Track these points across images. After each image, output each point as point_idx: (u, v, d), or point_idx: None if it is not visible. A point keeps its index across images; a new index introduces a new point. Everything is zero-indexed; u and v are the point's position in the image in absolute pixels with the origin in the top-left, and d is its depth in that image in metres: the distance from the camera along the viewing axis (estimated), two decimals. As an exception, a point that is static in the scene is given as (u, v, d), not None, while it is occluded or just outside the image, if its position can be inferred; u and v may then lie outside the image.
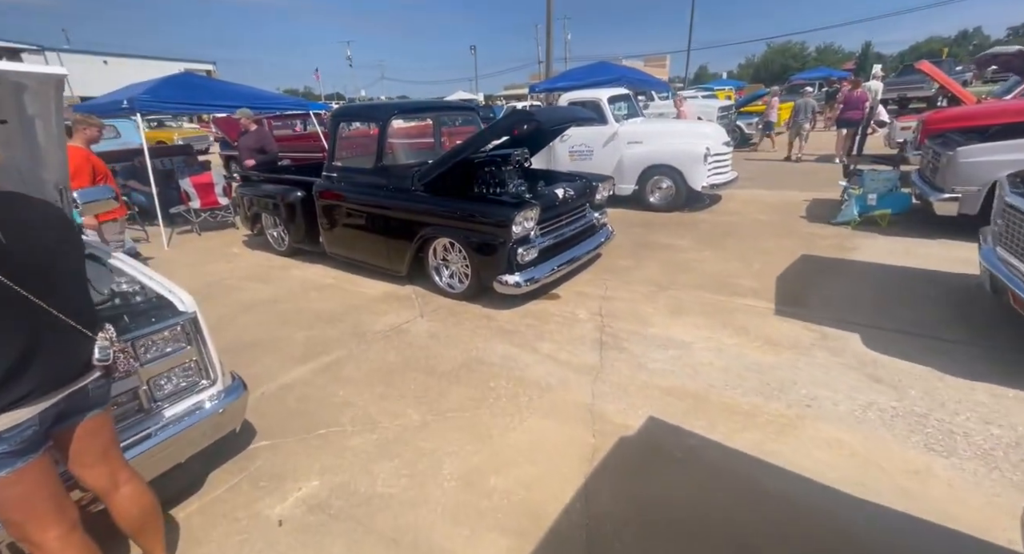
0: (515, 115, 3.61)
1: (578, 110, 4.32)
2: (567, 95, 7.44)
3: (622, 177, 6.91)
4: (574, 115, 4.12)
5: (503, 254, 3.62)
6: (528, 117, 3.56)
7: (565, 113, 4.09)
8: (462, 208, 3.75)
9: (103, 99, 7.26)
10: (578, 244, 4.33)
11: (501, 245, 3.59)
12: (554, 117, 3.77)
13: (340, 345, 3.37)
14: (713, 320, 3.43)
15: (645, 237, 5.62)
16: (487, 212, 3.59)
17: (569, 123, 4.26)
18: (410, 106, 4.54)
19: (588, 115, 4.20)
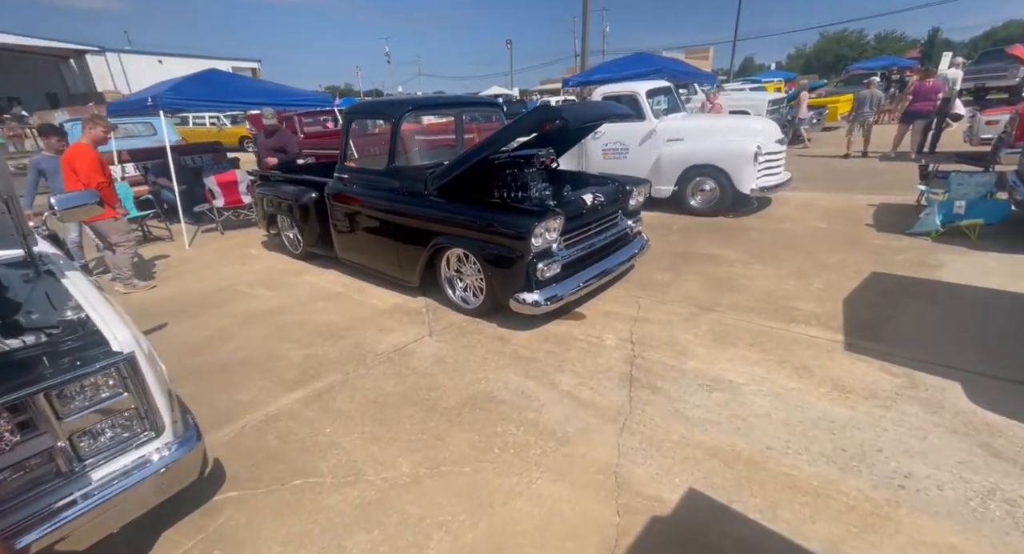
0: (538, 112, 3.17)
1: (611, 105, 3.83)
2: (601, 89, 6.90)
3: (660, 178, 6.33)
4: (605, 111, 3.64)
5: (520, 269, 3.19)
6: (552, 114, 3.11)
7: (595, 109, 3.61)
8: (476, 216, 3.34)
9: (133, 96, 7.27)
10: (608, 256, 3.85)
11: (518, 259, 3.16)
12: (583, 114, 3.31)
13: (337, 368, 3.03)
14: (767, 354, 2.89)
15: (685, 246, 5.06)
16: (503, 222, 3.17)
17: (600, 120, 3.77)
18: (425, 102, 4.18)
19: (621, 111, 3.70)
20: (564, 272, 3.45)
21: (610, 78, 8.97)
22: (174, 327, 3.82)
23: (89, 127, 4.22)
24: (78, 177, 4.08)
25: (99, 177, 4.15)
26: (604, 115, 3.60)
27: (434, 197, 3.69)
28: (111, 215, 4.31)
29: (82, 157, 4.08)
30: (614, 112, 3.63)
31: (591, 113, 3.44)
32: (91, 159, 4.12)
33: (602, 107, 3.69)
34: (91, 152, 4.15)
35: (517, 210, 3.33)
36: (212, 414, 2.62)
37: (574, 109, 3.29)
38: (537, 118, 3.16)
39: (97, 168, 4.15)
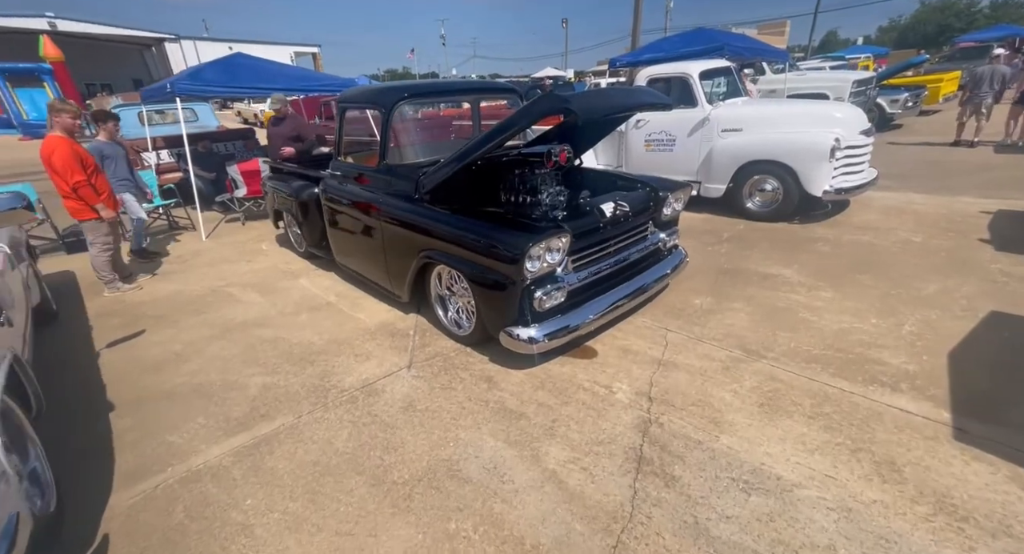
0: (540, 103, 2.50)
1: (641, 92, 3.06)
2: (648, 70, 6.00)
3: (712, 174, 5.42)
4: (632, 100, 2.87)
5: (512, 298, 2.58)
6: (556, 105, 2.43)
7: (617, 98, 2.86)
8: (461, 229, 2.74)
9: (157, 84, 7.17)
10: (632, 278, 3.14)
11: (510, 286, 2.55)
12: (600, 104, 2.59)
13: (292, 406, 2.58)
14: (835, 435, 2.13)
15: (735, 260, 4.21)
16: (492, 239, 2.55)
17: (624, 112, 3.02)
18: (425, 88, 3.59)
19: (654, 98, 2.92)
20: (572, 300, 2.80)
21: (661, 57, 7.96)
22: (150, 336, 3.53)
23: (55, 116, 3.78)
24: (57, 174, 3.75)
25: (78, 175, 3.76)
26: (628, 105, 2.84)
27: (425, 202, 3.12)
28: (91, 216, 4.00)
29: (58, 152, 3.68)
30: (643, 101, 2.87)
31: (612, 103, 2.71)
32: (66, 155, 3.71)
33: (627, 95, 2.93)
34: (66, 146, 3.73)
35: (512, 224, 2.69)
36: (134, 462, 2.24)
37: (588, 98, 2.58)
38: (538, 110, 2.48)
39: (74, 165, 3.75)
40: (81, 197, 3.85)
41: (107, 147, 4.79)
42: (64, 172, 3.72)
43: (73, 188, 3.78)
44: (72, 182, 3.74)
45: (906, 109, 10.41)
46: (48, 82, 21.54)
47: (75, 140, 3.90)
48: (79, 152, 3.86)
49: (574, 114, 2.38)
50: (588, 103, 2.49)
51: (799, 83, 9.74)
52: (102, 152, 4.69)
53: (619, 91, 2.92)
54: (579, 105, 2.40)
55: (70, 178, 3.73)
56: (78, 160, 3.80)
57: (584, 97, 2.57)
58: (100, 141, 4.81)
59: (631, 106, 2.87)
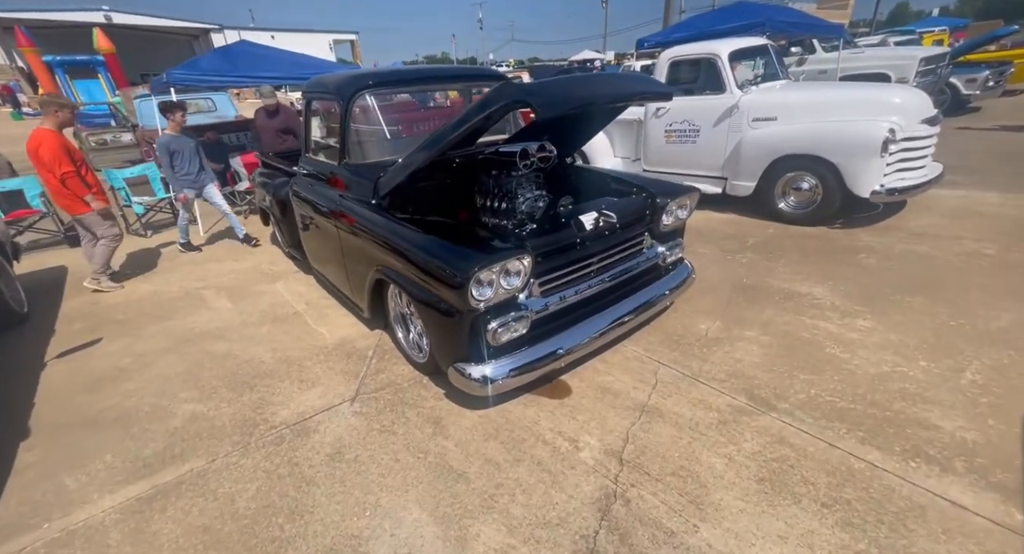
0: (493, 96, 2.01)
1: (633, 80, 2.51)
2: (671, 51, 5.32)
3: (739, 170, 4.76)
4: (617, 90, 2.30)
5: (459, 329, 2.15)
6: (512, 97, 1.94)
7: (599, 88, 2.28)
8: (407, 243, 2.32)
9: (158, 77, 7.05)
10: (620, 300, 2.63)
11: (456, 315, 2.12)
12: (574, 95, 2.05)
13: (212, 446, 2.27)
14: (857, 536, 1.60)
15: (757, 272, 3.60)
16: (436, 259, 2.12)
17: (611, 103, 2.46)
18: (393, 76, 3.14)
19: (650, 88, 2.37)
20: (541, 329, 2.35)
21: (693, 36, 7.18)
22: (105, 345, 3.34)
23: (55, 110, 3.78)
24: (44, 166, 3.74)
25: (65, 166, 3.74)
26: (609, 95, 2.28)
27: (384, 207, 2.72)
28: (85, 210, 3.96)
29: (46, 145, 3.67)
30: (631, 90, 2.32)
31: (586, 94, 2.15)
32: (54, 147, 3.70)
33: (609, 83, 2.35)
34: (54, 139, 3.72)
35: (467, 240, 2.24)
36: (15, 510, 1.98)
37: (555, 89, 2.04)
38: (493, 104, 2.00)
39: (62, 156, 3.73)
40: (69, 188, 3.80)
41: (174, 141, 4.65)
42: (52, 164, 3.66)
43: (61, 179, 3.72)
44: (60, 173, 3.68)
45: (986, 89, 9.11)
46: (102, 73, 22.46)
47: (64, 136, 3.85)
48: (68, 146, 3.80)
49: (533, 107, 1.90)
50: (553, 95, 1.99)
51: (855, 62, 8.64)
52: (169, 147, 4.58)
53: (600, 78, 2.39)
54: (540, 98, 1.92)
55: (57, 169, 3.67)
56: (66, 152, 3.75)
57: (550, 88, 2.05)
58: (169, 135, 4.67)
59: (614, 96, 2.32)
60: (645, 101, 2.68)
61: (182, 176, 4.76)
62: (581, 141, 3.32)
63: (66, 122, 3.87)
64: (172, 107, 4.79)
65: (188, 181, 4.81)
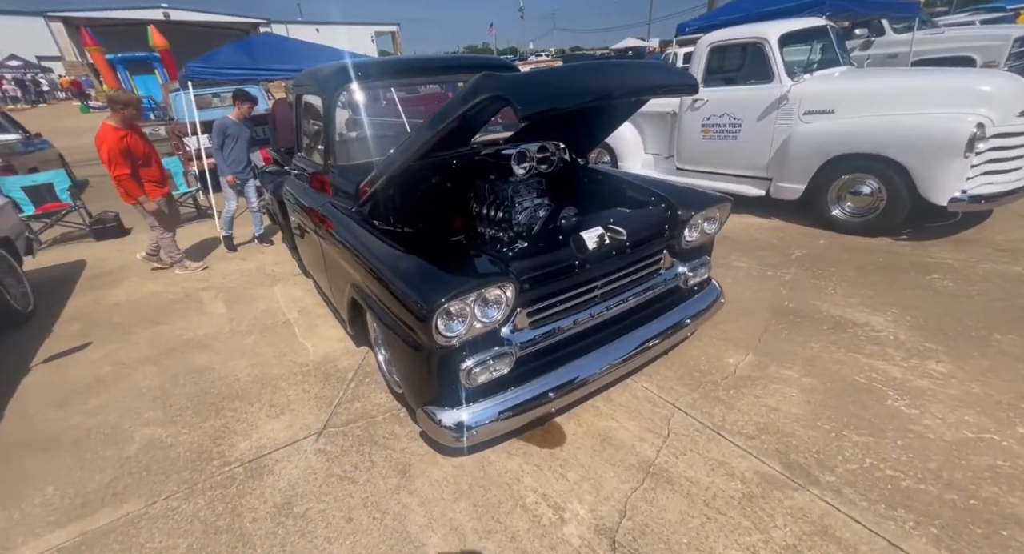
0: (470, 90, 1.62)
1: (651, 70, 2.03)
2: (711, 36, 4.74)
3: (786, 170, 4.17)
4: (621, 82, 1.82)
5: (428, 367, 1.81)
6: (487, 91, 1.55)
7: (596, 80, 1.80)
8: (376, 260, 1.99)
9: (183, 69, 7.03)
10: (631, 330, 2.22)
11: (425, 353, 1.78)
12: (563, 90, 1.61)
13: (157, 483, 2.04)
14: None
15: (802, 293, 3.08)
16: (403, 283, 1.78)
17: (623, 97, 1.98)
18: (382, 67, 2.73)
19: (669, 81, 1.91)
20: (531, 365, 1.98)
21: (741, 19, 6.49)
22: (91, 351, 3.23)
23: (120, 108, 3.77)
24: (104, 164, 3.75)
25: (120, 169, 3.74)
26: (613, 90, 1.80)
27: (365, 216, 2.40)
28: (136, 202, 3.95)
29: (106, 146, 3.68)
30: (640, 84, 1.86)
31: (579, 88, 1.70)
32: (113, 148, 3.67)
33: (612, 75, 1.84)
34: (115, 140, 3.68)
35: (445, 261, 1.89)
36: (-56, 548, 1.82)
37: (539, 82, 1.61)
38: (468, 99, 1.63)
39: (119, 159, 3.71)
40: (126, 190, 3.88)
41: (232, 126, 4.67)
42: (109, 165, 3.73)
43: (116, 180, 3.80)
44: (114, 174, 3.75)
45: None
46: (158, 69, 23.50)
47: (132, 130, 3.88)
48: (128, 144, 3.79)
49: (507, 104, 1.52)
50: (537, 90, 1.59)
51: (932, 45, 7.63)
52: (226, 130, 4.61)
53: (605, 68, 1.93)
54: (520, 93, 1.53)
55: (113, 171, 3.75)
56: (125, 154, 3.76)
57: (536, 81, 1.64)
58: (229, 119, 4.67)
59: (619, 90, 1.86)
60: (661, 95, 2.21)
61: (231, 162, 4.67)
62: (598, 138, 2.90)
63: (131, 118, 3.87)
64: (244, 97, 4.70)
65: (236, 168, 4.72)
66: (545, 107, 1.55)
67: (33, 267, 4.90)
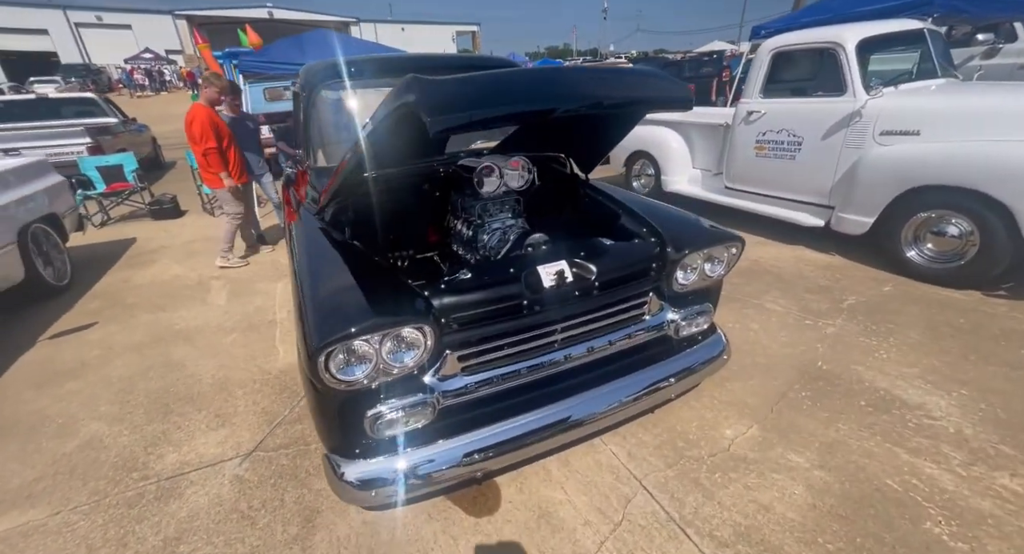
0: (391, 97, 1.34)
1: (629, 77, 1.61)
2: (775, 41, 4.11)
3: (851, 198, 3.52)
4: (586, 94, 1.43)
5: (327, 411, 1.58)
6: (402, 101, 1.27)
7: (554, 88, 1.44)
8: (296, 278, 1.78)
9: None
10: (593, 387, 1.83)
11: (323, 391, 1.54)
12: (501, 99, 1.29)
13: (69, 490, 1.96)
14: None
15: (843, 353, 2.51)
16: (307, 312, 1.55)
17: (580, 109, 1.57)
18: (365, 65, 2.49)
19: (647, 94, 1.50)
20: (460, 418, 1.68)
21: (826, 21, 5.72)
22: (94, 331, 3.34)
23: (205, 86, 4.02)
24: (193, 140, 3.93)
25: (209, 142, 3.89)
26: (545, 102, 1.40)
27: (325, 222, 2.22)
28: (219, 185, 4.08)
29: (198, 120, 3.86)
30: (609, 94, 1.46)
31: (520, 98, 1.35)
32: (204, 122, 3.86)
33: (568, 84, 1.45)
34: (205, 115, 3.88)
35: (370, 285, 1.63)
36: None
37: (469, 89, 1.28)
38: (385, 114, 1.36)
39: (209, 132, 3.88)
40: (209, 163, 3.98)
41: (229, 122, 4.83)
42: (200, 138, 3.85)
43: (203, 152, 3.91)
44: (203, 147, 3.87)
45: None
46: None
47: (215, 112, 4.05)
48: (217, 122, 3.96)
49: (415, 110, 1.24)
50: (454, 100, 1.27)
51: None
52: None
53: (553, 75, 1.56)
54: (432, 101, 1.23)
55: (203, 144, 3.86)
56: (214, 129, 3.90)
57: (458, 88, 1.31)
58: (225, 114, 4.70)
59: (570, 102, 1.45)
60: (641, 109, 1.82)
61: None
62: (602, 150, 2.52)
63: (213, 99, 4.03)
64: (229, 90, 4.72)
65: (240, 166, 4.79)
66: (460, 121, 1.24)
67: (88, 242, 5.30)
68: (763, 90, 4.09)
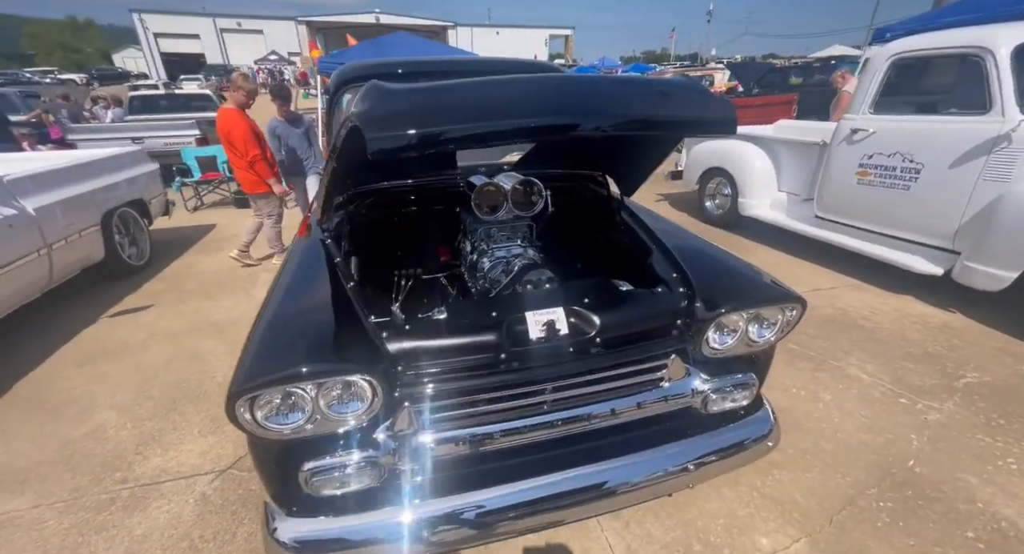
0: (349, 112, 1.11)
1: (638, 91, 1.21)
2: (900, 43, 3.38)
3: (986, 244, 2.78)
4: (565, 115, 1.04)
5: (258, 458, 1.40)
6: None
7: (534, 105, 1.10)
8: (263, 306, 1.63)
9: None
10: (594, 462, 1.49)
11: (253, 438, 1.36)
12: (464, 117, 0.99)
13: (55, 483, 1.97)
14: None
15: (947, 453, 1.90)
16: (247, 346, 1.38)
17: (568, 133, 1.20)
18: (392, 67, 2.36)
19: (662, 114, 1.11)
20: (417, 482, 1.43)
21: (977, 19, 4.72)
22: (148, 314, 3.54)
23: (233, 91, 3.90)
24: (234, 149, 3.82)
25: (254, 150, 3.79)
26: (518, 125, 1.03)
27: (326, 234, 2.08)
28: (264, 190, 4.03)
29: (237, 129, 3.74)
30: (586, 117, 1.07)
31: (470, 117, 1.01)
32: (245, 131, 3.75)
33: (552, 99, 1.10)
34: (243, 123, 3.78)
35: (326, 321, 1.43)
36: None
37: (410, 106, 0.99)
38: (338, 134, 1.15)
39: (251, 140, 3.79)
40: (257, 172, 3.89)
41: (280, 127, 4.68)
42: (244, 147, 3.75)
43: (250, 162, 3.81)
44: (250, 157, 3.78)
45: None
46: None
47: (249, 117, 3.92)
48: (253, 127, 3.88)
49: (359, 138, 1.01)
50: (402, 119, 1.01)
51: None
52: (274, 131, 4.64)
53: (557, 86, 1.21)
54: (376, 119, 1.00)
55: (248, 153, 3.76)
56: (254, 135, 3.83)
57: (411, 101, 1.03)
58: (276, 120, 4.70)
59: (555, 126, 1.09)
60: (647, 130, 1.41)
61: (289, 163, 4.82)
62: (643, 172, 2.12)
63: (241, 103, 3.86)
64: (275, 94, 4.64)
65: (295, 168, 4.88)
66: (399, 143, 0.99)
67: (176, 225, 5.78)
68: (874, 104, 3.39)
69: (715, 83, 11.69)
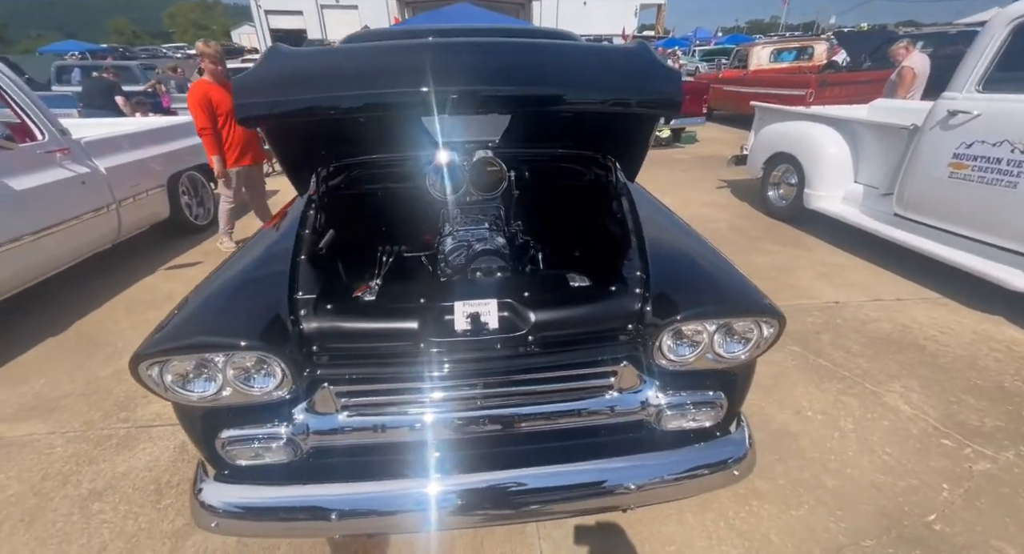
0: None
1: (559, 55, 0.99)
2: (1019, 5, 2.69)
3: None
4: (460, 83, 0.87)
5: (183, 421, 1.44)
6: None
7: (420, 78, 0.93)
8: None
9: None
10: (525, 466, 1.38)
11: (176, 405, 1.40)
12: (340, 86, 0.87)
13: (72, 415, 2.21)
14: None
15: (987, 512, 1.55)
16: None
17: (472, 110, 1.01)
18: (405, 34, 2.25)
19: (578, 93, 0.90)
20: (331, 463, 1.42)
21: None
22: (196, 270, 3.86)
23: (202, 60, 3.79)
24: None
25: (200, 122, 3.59)
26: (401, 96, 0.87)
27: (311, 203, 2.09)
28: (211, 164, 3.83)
29: (191, 97, 3.61)
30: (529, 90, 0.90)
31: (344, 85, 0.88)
32: (196, 99, 3.57)
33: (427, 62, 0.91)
34: (199, 93, 3.59)
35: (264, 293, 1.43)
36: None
37: (280, 75, 0.87)
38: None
39: (199, 111, 3.56)
40: (203, 145, 3.78)
41: None
42: (193, 116, 3.66)
43: (199, 134, 3.72)
44: (197, 127, 3.68)
45: None
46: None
47: (224, 86, 3.67)
48: (213, 100, 3.60)
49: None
50: (271, 87, 0.94)
51: None
52: None
53: (460, 51, 1.03)
54: (249, 85, 0.93)
55: (195, 123, 3.66)
56: (206, 107, 3.58)
57: (281, 67, 0.92)
58: None
59: (465, 87, 0.93)
60: (579, 104, 1.18)
61: None
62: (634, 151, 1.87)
63: (211, 70, 3.69)
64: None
65: None
66: (263, 111, 0.91)
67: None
68: (984, 81, 2.77)
69: (815, 55, 10.29)
